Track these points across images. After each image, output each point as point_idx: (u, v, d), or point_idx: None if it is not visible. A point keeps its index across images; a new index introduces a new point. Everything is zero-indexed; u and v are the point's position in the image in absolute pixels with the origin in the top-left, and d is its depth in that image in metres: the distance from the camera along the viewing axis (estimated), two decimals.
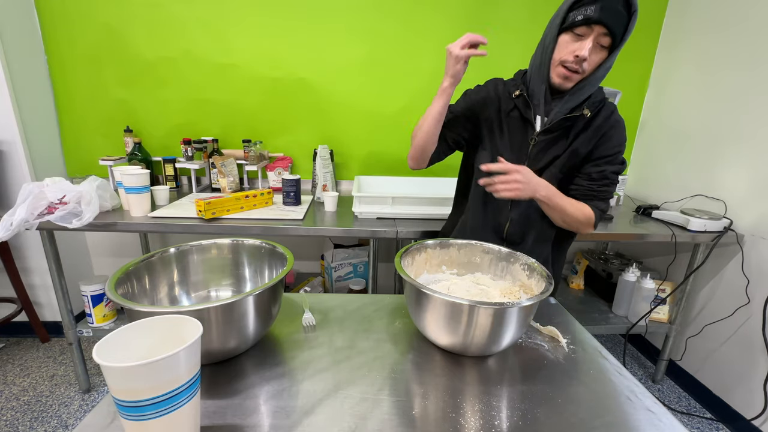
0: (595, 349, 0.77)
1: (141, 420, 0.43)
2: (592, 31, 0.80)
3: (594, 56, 0.82)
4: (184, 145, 1.82)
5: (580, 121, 0.93)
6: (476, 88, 1.07)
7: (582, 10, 0.80)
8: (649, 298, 1.77)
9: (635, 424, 0.57)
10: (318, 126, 1.98)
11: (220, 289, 0.84)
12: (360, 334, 0.78)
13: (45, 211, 1.33)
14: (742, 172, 1.59)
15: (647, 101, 2.08)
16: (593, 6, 0.78)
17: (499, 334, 0.66)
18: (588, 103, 0.91)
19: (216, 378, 0.64)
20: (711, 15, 1.73)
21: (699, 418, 1.67)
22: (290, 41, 1.85)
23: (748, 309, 1.54)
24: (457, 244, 0.91)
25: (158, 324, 0.50)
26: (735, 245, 1.58)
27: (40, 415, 1.54)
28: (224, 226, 1.39)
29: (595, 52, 0.82)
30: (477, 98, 1.03)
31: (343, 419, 0.56)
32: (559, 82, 0.87)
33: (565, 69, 0.85)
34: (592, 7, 0.78)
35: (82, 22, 1.77)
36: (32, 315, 1.90)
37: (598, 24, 0.79)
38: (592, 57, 0.82)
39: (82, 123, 1.90)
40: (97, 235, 2.08)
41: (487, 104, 1.02)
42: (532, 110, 0.95)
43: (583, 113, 0.91)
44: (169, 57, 1.83)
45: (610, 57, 0.83)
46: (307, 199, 1.74)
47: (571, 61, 0.83)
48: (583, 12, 0.79)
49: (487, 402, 0.61)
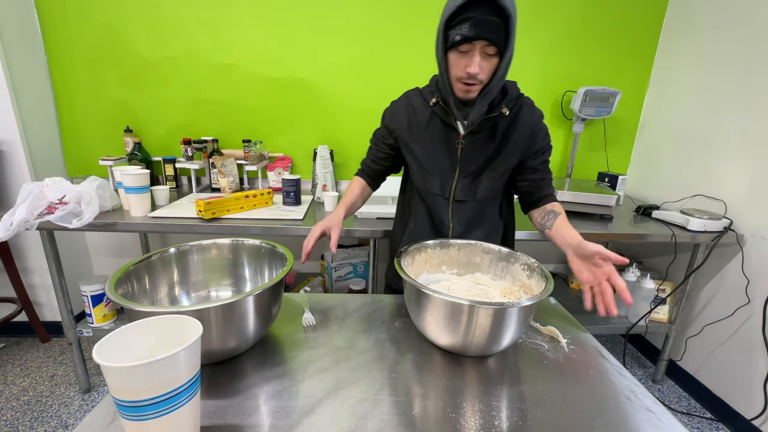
0: (595, 349, 0.77)
1: (141, 420, 0.43)
2: (474, 46, 0.80)
3: (486, 64, 0.83)
4: (184, 145, 1.82)
5: (502, 119, 0.95)
6: (390, 108, 1.08)
7: (457, 29, 0.79)
8: (649, 298, 1.77)
9: (635, 424, 0.57)
10: (318, 126, 1.98)
11: (220, 289, 0.84)
12: (360, 334, 0.78)
13: (45, 211, 1.33)
14: (742, 172, 1.59)
15: (647, 101, 2.08)
16: (466, 24, 0.78)
17: (499, 334, 0.66)
18: (505, 101, 0.93)
19: (216, 378, 0.64)
20: (711, 15, 1.73)
21: (699, 418, 1.67)
22: (290, 41, 1.85)
23: (748, 309, 1.54)
24: (457, 244, 0.91)
25: (158, 324, 0.50)
26: (735, 245, 1.58)
27: (40, 415, 1.54)
28: (224, 226, 1.39)
29: (486, 61, 0.82)
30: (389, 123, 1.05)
31: (343, 419, 0.56)
32: (462, 96, 0.89)
33: (464, 84, 0.86)
34: (465, 26, 0.78)
35: (82, 22, 1.77)
36: (32, 315, 1.90)
37: (476, 39, 0.79)
38: (484, 66, 0.83)
39: (82, 123, 1.90)
40: (97, 235, 2.08)
41: (401, 123, 1.03)
42: (451, 115, 0.95)
43: (502, 112, 0.93)
44: (169, 57, 1.83)
45: (503, 60, 0.83)
46: (307, 199, 1.74)
47: (466, 77, 0.84)
48: (459, 32, 0.79)
49: (487, 402, 0.61)
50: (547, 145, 1.01)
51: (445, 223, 1.04)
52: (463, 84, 0.86)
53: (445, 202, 1.03)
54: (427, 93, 1.00)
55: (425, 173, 1.02)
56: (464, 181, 1.00)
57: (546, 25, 1.91)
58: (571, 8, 1.89)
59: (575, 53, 1.97)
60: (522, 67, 1.97)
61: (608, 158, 2.15)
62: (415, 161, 1.03)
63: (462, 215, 1.03)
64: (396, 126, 1.04)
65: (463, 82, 0.85)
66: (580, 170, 2.16)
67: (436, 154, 1.00)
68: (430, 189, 1.03)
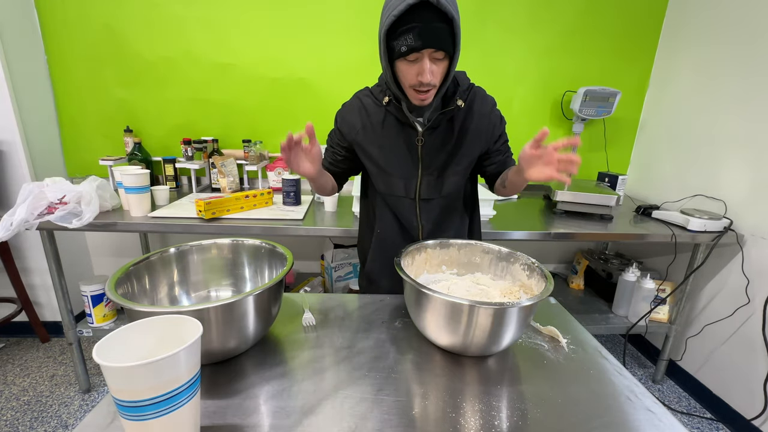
0: (595, 349, 0.77)
1: (141, 420, 0.43)
2: (422, 54, 0.77)
3: (437, 67, 0.80)
4: (184, 145, 1.82)
5: (458, 112, 0.95)
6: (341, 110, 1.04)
7: (402, 40, 0.76)
8: (649, 298, 1.77)
9: (635, 424, 0.57)
10: (318, 126, 1.96)
11: (220, 289, 0.84)
12: (360, 334, 0.78)
13: (45, 211, 1.33)
14: (742, 172, 1.59)
15: (647, 101, 2.08)
16: (411, 34, 0.74)
17: (499, 334, 0.66)
18: (458, 93, 0.92)
19: (216, 378, 0.64)
20: (711, 15, 1.73)
21: (699, 418, 1.67)
22: (290, 41, 1.85)
23: (748, 309, 1.54)
24: (457, 244, 0.91)
25: (158, 324, 0.50)
26: (735, 245, 1.58)
27: (40, 415, 1.54)
28: (224, 226, 1.39)
29: (436, 65, 0.80)
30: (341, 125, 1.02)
31: (343, 419, 0.56)
32: (419, 102, 0.86)
33: (417, 92, 0.84)
34: (410, 36, 0.75)
35: (82, 22, 1.77)
36: (32, 315, 1.90)
37: (424, 48, 0.76)
38: (435, 71, 0.80)
39: (82, 123, 1.90)
40: (97, 235, 2.08)
41: (354, 127, 0.99)
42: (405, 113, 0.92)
43: (457, 104, 0.92)
44: (169, 57, 1.83)
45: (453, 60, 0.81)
46: (307, 199, 1.74)
47: (418, 85, 0.82)
48: (405, 42, 0.75)
49: (487, 402, 0.61)
50: (504, 127, 1.01)
51: (414, 224, 1.02)
52: (417, 92, 0.83)
53: (411, 202, 1.00)
54: (378, 92, 0.97)
55: (386, 175, 0.99)
56: (429, 179, 0.98)
57: (546, 25, 1.91)
58: (571, 8, 1.89)
59: (575, 53, 1.97)
60: (522, 67, 1.98)
61: (608, 158, 2.15)
62: (374, 164, 1.00)
63: (430, 213, 1.01)
64: (349, 129, 1.00)
65: (416, 89, 0.83)
66: (580, 170, 2.15)
67: (396, 154, 0.97)
68: (394, 191, 1.00)
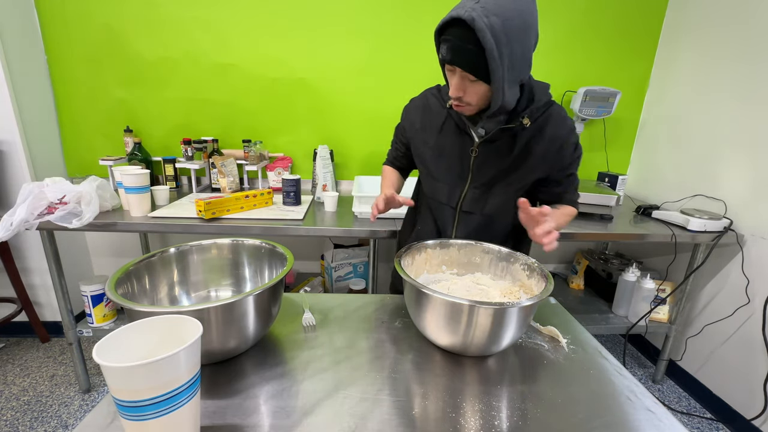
0: (595, 349, 0.77)
1: (141, 420, 0.43)
2: (454, 69, 0.75)
3: (472, 88, 0.76)
4: (184, 145, 1.82)
5: (523, 131, 0.87)
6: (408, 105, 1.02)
7: (441, 47, 0.74)
8: (649, 298, 1.77)
9: (635, 424, 0.57)
10: (318, 126, 1.98)
11: (220, 289, 0.84)
12: (360, 334, 0.78)
13: (45, 211, 1.33)
14: (742, 172, 1.59)
15: (647, 101, 2.08)
16: (444, 46, 0.73)
17: (499, 334, 0.66)
18: (529, 111, 0.83)
19: (216, 378, 0.64)
20: (711, 15, 1.73)
21: (699, 418, 1.67)
22: (290, 41, 1.85)
23: (748, 309, 1.54)
24: (457, 244, 0.91)
25: (158, 324, 0.50)
26: (735, 245, 1.58)
27: (40, 415, 1.54)
28: (224, 226, 1.39)
29: (470, 86, 0.76)
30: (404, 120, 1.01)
31: (343, 419, 0.56)
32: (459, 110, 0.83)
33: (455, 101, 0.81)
34: (444, 47, 0.73)
35: (82, 22, 1.76)
36: (32, 315, 1.90)
37: (453, 65, 0.73)
38: (468, 90, 0.76)
39: (82, 123, 1.90)
40: (97, 235, 2.08)
41: (414, 124, 0.97)
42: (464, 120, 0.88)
43: (522, 122, 0.84)
44: (169, 57, 1.83)
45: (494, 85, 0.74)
46: (307, 199, 1.74)
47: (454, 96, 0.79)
48: (441, 52, 0.74)
49: (487, 402, 0.61)
50: (576, 159, 0.93)
51: (448, 233, 1.00)
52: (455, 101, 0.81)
53: (451, 211, 0.97)
54: (446, 93, 0.90)
55: (433, 180, 0.97)
56: (474, 192, 0.93)
57: (546, 26, 1.90)
58: (571, 8, 1.89)
59: (575, 53, 1.97)
60: None
61: (608, 158, 2.15)
62: (424, 166, 0.98)
63: (467, 228, 0.97)
64: (410, 126, 0.99)
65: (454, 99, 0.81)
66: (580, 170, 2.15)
67: (447, 160, 0.93)
68: (437, 197, 0.98)
